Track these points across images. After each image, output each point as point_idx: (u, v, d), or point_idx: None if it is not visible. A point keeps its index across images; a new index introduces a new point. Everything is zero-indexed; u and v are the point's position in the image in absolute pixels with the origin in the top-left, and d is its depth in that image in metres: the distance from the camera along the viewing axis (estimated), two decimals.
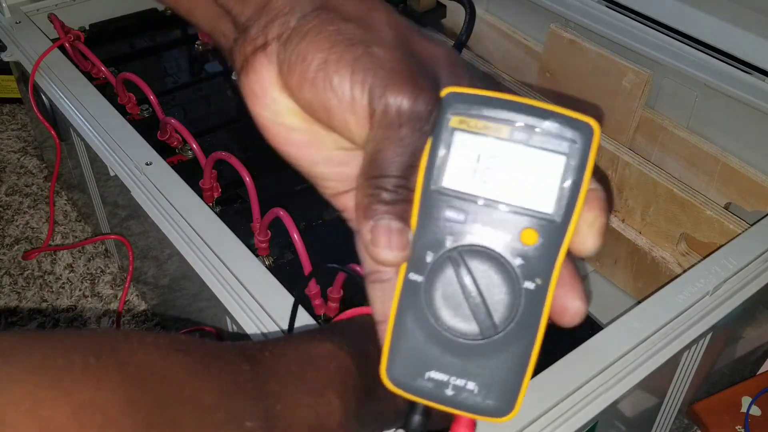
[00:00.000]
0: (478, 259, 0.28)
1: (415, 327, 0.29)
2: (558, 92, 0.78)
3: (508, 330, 0.28)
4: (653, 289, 0.52)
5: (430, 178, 0.28)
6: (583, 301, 0.29)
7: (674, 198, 0.65)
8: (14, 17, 0.83)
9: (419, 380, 0.29)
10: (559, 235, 0.28)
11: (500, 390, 0.29)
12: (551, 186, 0.28)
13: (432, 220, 0.29)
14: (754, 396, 0.63)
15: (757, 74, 0.65)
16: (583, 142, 0.27)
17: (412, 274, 0.29)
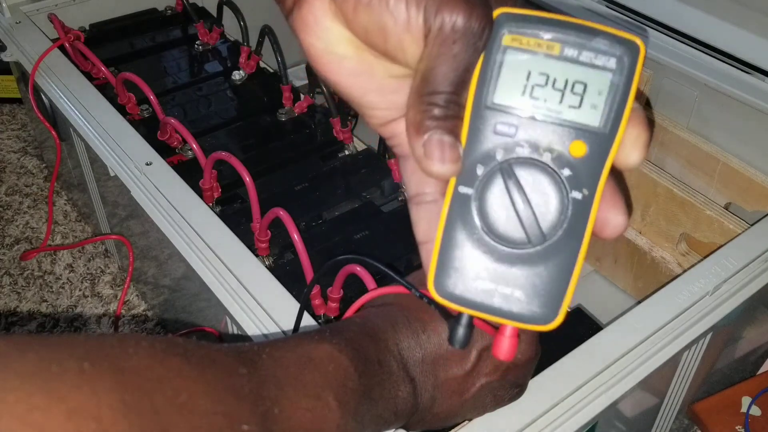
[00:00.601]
0: (528, 170, 0.29)
1: (464, 238, 0.30)
2: None
3: (555, 238, 0.30)
4: (653, 289, 0.52)
5: (482, 93, 0.29)
6: (625, 215, 0.30)
7: (674, 198, 0.65)
8: (14, 17, 0.83)
9: (467, 290, 0.30)
10: (605, 147, 0.29)
11: (545, 297, 0.30)
12: (599, 100, 0.29)
13: (483, 134, 0.30)
14: (754, 396, 0.63)
15: (757, 74, 0.65)
16: (629, 59, 0.29)
17: (461, 187, 0.30)
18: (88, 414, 0.24)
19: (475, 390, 0.40)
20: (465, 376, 0.39)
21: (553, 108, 0.29)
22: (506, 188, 0.29)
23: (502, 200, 0.30)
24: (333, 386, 0.34)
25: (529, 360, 0.41)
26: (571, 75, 0.29)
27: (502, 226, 0.30)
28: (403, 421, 0.38)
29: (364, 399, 0.35)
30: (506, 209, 0.30)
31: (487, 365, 0.40)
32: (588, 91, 0.29)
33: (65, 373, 0.24)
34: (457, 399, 0.40)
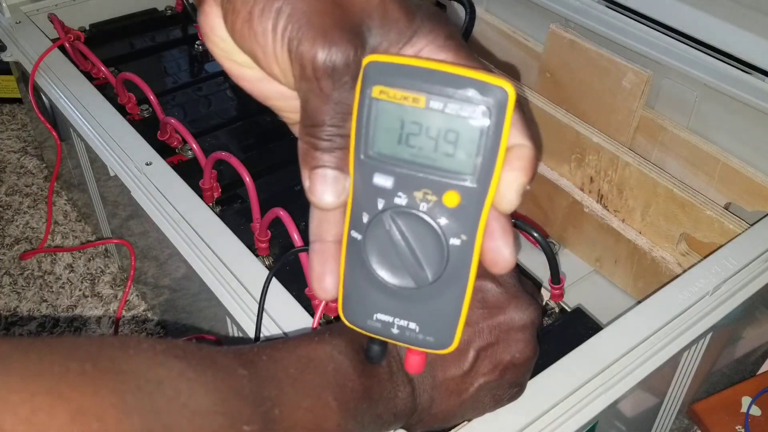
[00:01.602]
0: (407, 219, 0.30)
1: (360, 276, 0.32)
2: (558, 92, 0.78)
3: (440, 280, 0.31)
4: (653, 289, 0.52)
5: (360, 143, 0.30)
6: (512, 252, 0.31)
7: (674, 198, 0.65)
8: (14, 17, 0.83)
9: (369, 321, 0.33)
10: (479, 196, 0.29)
11: (438, 329, 0.32)
12: (470, 151, 0.29)
13: (364, 183, 0.30)
14: (754, 396, 0.63)
15: (757, 74, 0.65)
16: (497, 106, 0.28)
17: (353, 231, 0.31)
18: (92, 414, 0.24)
19: (473, 390, 0.40)
20: (463, 377, 0.39)
21: (428, 156, 0.29)
22: (389, 236, 0.30)
23: (387, 247, 0.31)
24: (333, 386, 0.34)
25: (528, 360, 0.41)
26: (442, 125, 0.29)
27: (390, 270, 0.31)
28: (402, 422, 0.38)
29: (364, 399, 0.35)
30: (391, 255, 0.31)
31: (485, 365, 0.40)
32: (460, 140, 0.29)
33: (68, 374, 0.25)
34: (455, 399, 0.40)
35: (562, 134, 0.73)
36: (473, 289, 0.42)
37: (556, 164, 0.76)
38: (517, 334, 0.40)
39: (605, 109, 0.74)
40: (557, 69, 0.78)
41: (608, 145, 0.69)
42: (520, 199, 0.30)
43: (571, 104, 0.76)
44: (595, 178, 0.72)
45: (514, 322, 0.40)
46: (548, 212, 0.78)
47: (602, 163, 0.70)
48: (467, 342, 0.39)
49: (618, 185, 0.70)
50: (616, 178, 0.70)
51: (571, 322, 0.59)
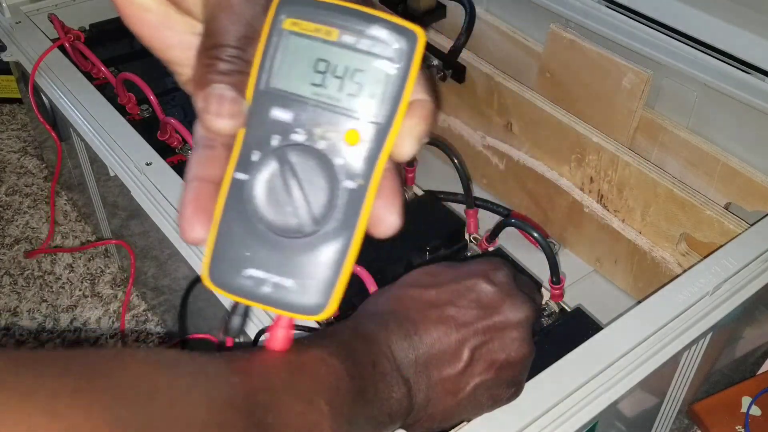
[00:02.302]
0: (302, 157, 0.29)
1: (238, 225, 0.30)
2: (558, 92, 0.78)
3: (327, 228, 0.30)
4: (653, 289, 0.52)
5: (261, 77, 0.29)
6: (399, 216, 0.30)
7: (674, 198, 0.65)
8: (14, 17, 0.82)
9: (239, 278, 0.30)
10: (380, 138, 0.29)
11: (316, 287, 0.30)
12: (377, 90, 0.29)
13: (260, 119, 0.29)
14: (754, 396, 0.63)
15: (757, 74, 0.65)
16: (407, 49, 0.28)
17: (238, 173, 0.30)
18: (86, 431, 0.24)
19: (469, 389, 0.39)
20: (458, 376, 0.39)
21: (332, 95, 0.29)
22: (280, 175, 0.29)
23: (276, 188, 0.29)
24: (325, 390, 0.34)
25: (523, 358, 0.41)
26: (350, 62, 0.29)
27: (275, 215, 0.30)
28: (398, 423, 0.38)
29: (357, 401, 0.35)
30: (279, 197, 0.29)
31: (481, 364, 0.40)
32: (366, 80, 0.29)
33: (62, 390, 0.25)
34: (452, 399, 0.39)
35: (562, 134, 0.73)
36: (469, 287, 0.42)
37: (556, 164, 0.76)
38: (512, 332, 0.40)
39: (605, 109, 0.74)
40: (557, 69, 0.78)
41: (608, 145, 0.69)
42: (417, 149, 0.30)
43: (571, 104, 0.76)
44: (595, 178, 0.72)
45: (509, 321, 0.40)
46: (548, 212, 0.78)
47: (602, 163, 0.70)
48: (462, 341, 0.39)
49: (618, 185, 0.70)
50: (616, 178, 0.70)
51: (571, 322, 0.59)
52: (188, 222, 0.30)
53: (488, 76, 0.79)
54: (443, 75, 0.84)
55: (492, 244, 0.65)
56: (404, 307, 0.41)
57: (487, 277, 0.42)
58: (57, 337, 0.80)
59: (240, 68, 0.29)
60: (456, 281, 0.42)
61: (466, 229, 0.66)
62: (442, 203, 0.69)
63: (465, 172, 0.65)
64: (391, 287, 0.43)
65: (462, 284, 0.42)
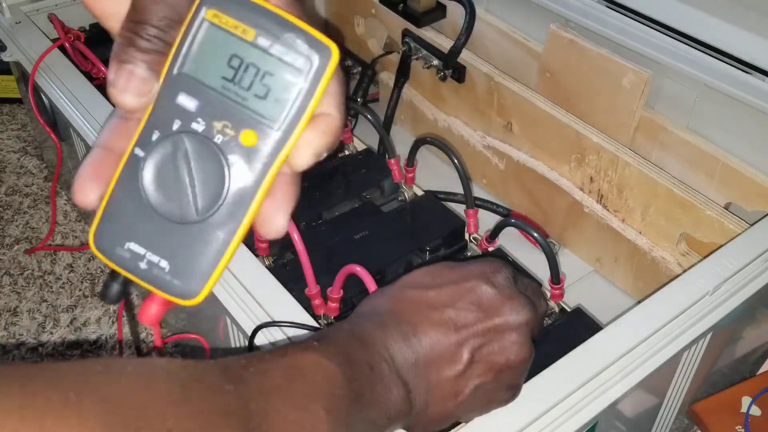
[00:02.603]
0: (198, 147, 0.29)
1: (128, 198, 0.30)
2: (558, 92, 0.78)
3: (210, 221, 0.30)
4: (653, 289, 0.52)
5: (176, 62, 0.29)
6: (285, 221, 0.31)
7: (674, 198, 0.65)
8: (14, 17, 0.82)
9: (119, 249, 0.31)
10: (277, 144, 0.29)
11: (189, 274, 0.31)
12: (282, 97, 0.29)
13: (167, 101, 0.30)
14: (754, 396, 0.63)
15: (757, 74, 0.65)
16: (319, 63, 0.29)
17: (138, 148, 0.30)
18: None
19: (468, 391, 0.39)
20: (457, 378, 0.39)
21: (239, 93, 0.29)
22: (173, 160, 0.30)
23: (167, 170, 0.30)
24: (321, 395, 0.33)
25: (523, 361, 0.41)
26: (263, 64, 0.29)
27: (160, 196, 0.30)
28: (398, 425, 0.38)
29: (355, 405, 0.35)
30: (168, 181, 0.30)
31: (480, 367, 0.39)
32: (274, 85, 0.29)
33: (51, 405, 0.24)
34: (451, 401, 0.39)
35: (562, 134, 0.73)
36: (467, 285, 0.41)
37: (556, 164, 0.76)
38: (512, 335, 0.40)
39: (605, 109, 0.74)
40: (557, 69, 0.78)
41: (608, 145, 0.69)
42: (313, 161, 0.30)
43: (571, 104, 0.76)
44: (595, 178, 0.72)
45: (509, 324, 0.40)
46: (548, 212, 0.78)
47: (602, 163, 0.70)
48: (461, 343, 0.39)
49: (618, 185, 0.70)
50: (616, 178, 0.70)
51: (571, 322, 0.59)
52: (82, 184, 0.30)
53: (488, 76, 0.79)
54: (443, 75, 0.84)
55: (492, 244, 0.65)
56: (403, 307, 0.40)
57: (487, 279, 0.42)
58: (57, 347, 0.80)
59: (158, 48, 0.29)
60: (456, 283, 0.42)
61: (466, 229, 0.66)
62: (442, 203, 0.69)
63: (465, 172, 0.65)
64: (389, 287, 0.43)
65: (462, 286, 0.41)
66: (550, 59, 0.78)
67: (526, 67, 0.82)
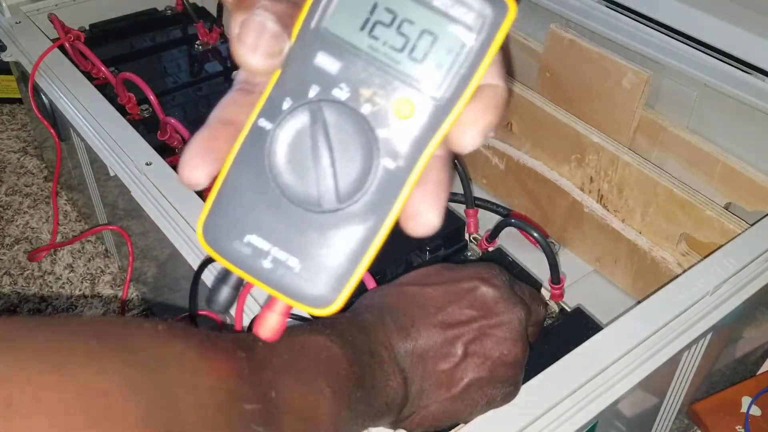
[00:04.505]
0: (341, 118, 0.24)
1: (249, 180, 0.25)
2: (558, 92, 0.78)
3: (352, 208, 0.25)
4: (653, 289, 0.52)
5: (314, 13, 0.24)
6: (439, 215, 0.25)
7: (674, 198, 0.65)
8: (14, 17, 0.82)
9: (237, 243, 0.25)
10: (438, 117, 0.24)
11: (325, 275, 0.25)
12: (445, 60, 0.24)
13: (302, 63, 0.24)
14: (754, 396, 0.63)
15: (757, 74, 0.65)
16: (493, 19, 0.24)
17: (262, 119, 0.25)
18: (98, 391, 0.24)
19: (463, 385, 0.40)
20: (452, 370, 0.40)
21: (391, 55, 0.24)
22: (310, 133, 0.24)
23: (302, 146, 0.25)
24: (325, 374, 0.34)
25: (517, 357, 0.41)
26: (421, 21, 0.24)
27: (293, 177, 0.25)
28: (394, 413, 0.38)
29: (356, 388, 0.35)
30: (303, 158, 0.25)
31: (475, 360, 0.40)
32: (436, 46, 0.24)
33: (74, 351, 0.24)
34: (445, 393, 0.40)
35: (562, 134, 0.73)
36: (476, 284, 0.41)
37: (556, 164, 0.76)
38: (505, 332, 0.41)
39: (605, 109, 0.74)
40: (557, 69, 0.78)
41: (608, 145, 0.69)
42: (481, 141, 0.25)
43: (571, 104, 0.76)
44: (595, 178, 0.72)
45: (502, 321, 0.41)
46: (548, 212, 0.78)
47: (602, 163, 0.70)
48: (456, 337, 0.40)
49: (618, 185, 0.70)
50: (616, 178, 0.70)
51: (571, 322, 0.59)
52: (190, 160, 0.25)
53: None
54: None
55: (492, 244, 0.65)
56: (401, 302, 0.41)
57: (484, 280, 0.42)
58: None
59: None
60: (453, 282, 0.43)
61: (466, 229, 0.66)
62: None
63: (465, 172, 0.65)
64: (388, 285, 0.44)
65: (459, 285, 0.42)
66: (550, 59, 0.78)
67: (526, 67, 0.82)
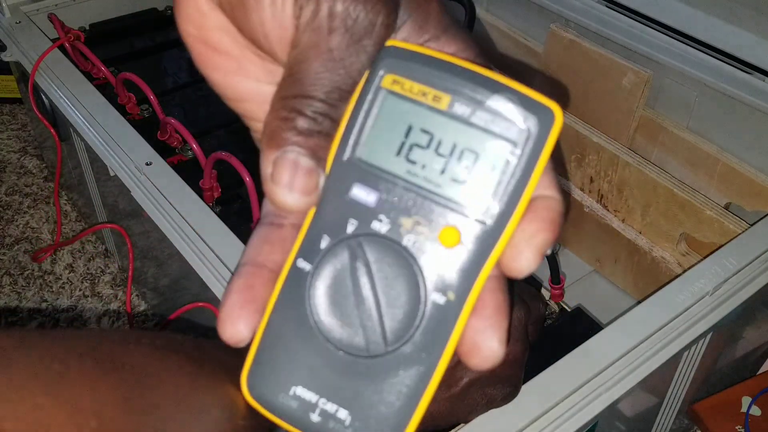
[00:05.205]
0: (382, 253, 0.23)
1: (291, 328, 0.23)
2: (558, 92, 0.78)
3: (403, 350, 0.23)
4: (653, 289, 0.52)
5: (346, 144, 0.23)
6: (501, 344, 0.23)
7: (674, 198, 0.65)
8: (14, 17, 0.82)
9: (283, 396, 0.23)
10: (487, 242, 0.22)
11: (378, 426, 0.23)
12: (489, 179, 0.22)
13: (337, 197, 0.23)
14: (754, 396, 0.63)
15: (757, 74, 0.65)
16: (538, 130, 0.22)
17: (300, 260, 0.23)
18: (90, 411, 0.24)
19: (463, 384, 0.40)
20: (452, 369, 0.40)
21: (431, 178, 0.23)
22: (350, 272, 0.23)
23: (343, 286, 0.23)
24: None
25: (517, 357, 0.41)
26: (460, 139, 0.22)
27: (336, 322, 0.23)
28: None
29: None
30: (345, 299, 0.23)
31: None
32: (478, 165, 0.22)
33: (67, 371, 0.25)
34: (445, 392, 0.40)
35: (562, 134, 0.73)
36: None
37: (556, 164, 0.76)
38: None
39: (605, 109, 0.74)
40: (557, 69, 0.78)
41: (608, 145, 0.69)
42: (538, 262, 0.23)
43: (571, 104, 0.76)
44: (595, 178, 0.72)
45: None
46: None
47: (602, 163, 0.70)
48: None
49: (618, 185, 0.70)
50: (616, 178, 0.70)
51: (571, 322, 0.59)
52: (230, 315, 0.23)
53: None
54: None
55: None
56: None
57: None
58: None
59: (324, 129, 0.23)
60: None
61: None
62: None
63: None
64: None
65: None
66: (550, 59, 0.78)
67: (526, 67, 0.82)
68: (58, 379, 0.24)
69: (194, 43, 0.25)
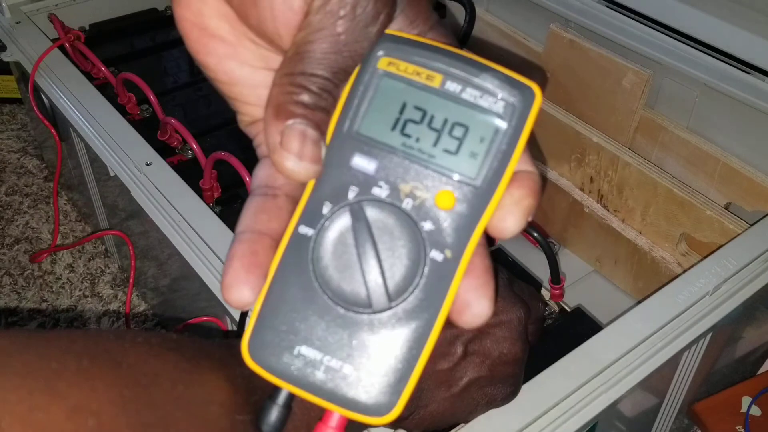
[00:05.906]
0: (383, 216, 0.25)
1: (295, 290, 0.25)
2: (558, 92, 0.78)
3: (404, 306, 0.25)
4: (653, 289, 0.52)
5: (345, 119, 0.25)
6: (490, 302, 0.25)
7: (674, 198, 0.65)
8: (14, 17, 0.82)
9: (286, 356, 0.25)
10: (479, 203, 0.25)
11: (382, 379, 0.24)
12: (480, 149, 0.25)
13: (338, 166, 0.25)
14: (754, 396, 0.63)
15: (757, 74, 0.65)
16: (521, 106, 0.25)
17: (302, 226, 0.25)
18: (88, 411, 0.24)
19: (463, 384, 0.40)
20: (452, 369, 0.39)
21: (425, 150, 0.25)
22: (353, 234, 0.25)
23: (346, 248, 0.25)
24: None
25: (517, 356, 0.41)
26: (451, 114, 0.25)
27: (340, 281, 0.25)
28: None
29: None
30: (349, 260, 0.25)
31: (474, 359, 0.40)
32: (468, 136, 0.25)
33: (65, 370, 0.25)
34: (445, 392, 0.40)
35: (562, 134, 0.73)
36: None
37: (556, 164, 0.76)
38: (505, 331, 0.41)
39: (605, 109, 0.74)
40: (557, 69, 0.78)
41: (608, 145, 0.69)
42: (524, 224, 0.25)
43: (571, 104, 0.76)
44: (595, 178, 0.72)
45: (501, 321, 0.41)
46: (548, 212, 0.78)
47: (602, 163, 0.70)
48: (456, 336, 0.40)
49: (618, 185, 0.70)
50: (616, 178, 0.70)
51: (571, 322, 0.59)
52: (235, 280, 0.24)
53: None
54: None
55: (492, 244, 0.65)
56: None
57: None
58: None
59: (326, 105, 0.25)
60: None
61: None
62: None
63: None
64: None
65: None
66: (550, 59, 0.78)
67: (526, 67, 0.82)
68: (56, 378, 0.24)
69: (190, 29, 0.26)
